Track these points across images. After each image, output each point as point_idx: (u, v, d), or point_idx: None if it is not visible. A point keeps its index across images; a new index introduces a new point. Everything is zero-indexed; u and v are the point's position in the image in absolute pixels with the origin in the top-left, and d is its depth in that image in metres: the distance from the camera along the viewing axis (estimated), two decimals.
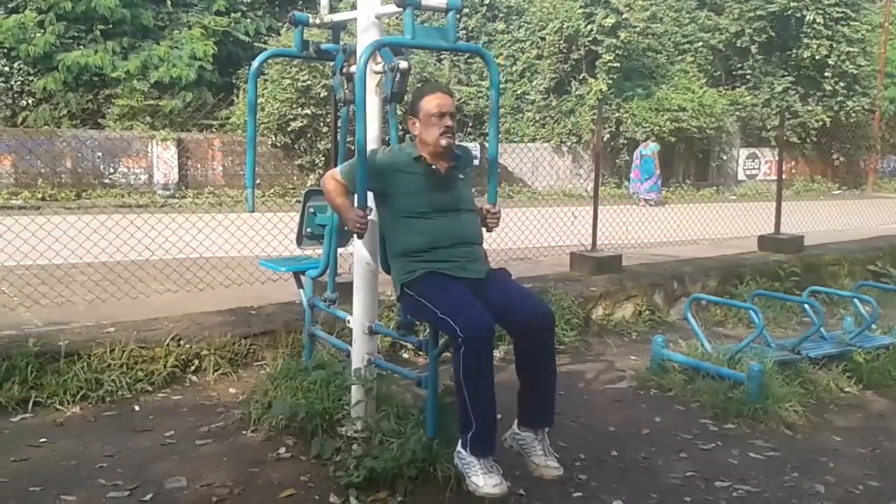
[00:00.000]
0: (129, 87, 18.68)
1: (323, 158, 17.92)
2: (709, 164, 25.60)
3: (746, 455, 4.19)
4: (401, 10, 3.36)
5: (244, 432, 4.09)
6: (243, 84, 19.91)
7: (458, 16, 3.48)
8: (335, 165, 4.13)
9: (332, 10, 4.16)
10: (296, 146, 18.49)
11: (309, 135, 18.21)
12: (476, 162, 9.11)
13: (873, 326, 5.97)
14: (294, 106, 17.69)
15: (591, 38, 21.95)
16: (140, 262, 7.28)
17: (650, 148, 20.20)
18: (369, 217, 3.39)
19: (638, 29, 22.42)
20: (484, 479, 3.15)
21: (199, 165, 18.16)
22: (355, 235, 3.53)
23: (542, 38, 22.91)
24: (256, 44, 19.57)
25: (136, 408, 4.43)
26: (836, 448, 4.36)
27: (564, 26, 22.14)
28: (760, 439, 4.41)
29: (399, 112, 4.17)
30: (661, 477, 3.88)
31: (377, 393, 3.82)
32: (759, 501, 3.67)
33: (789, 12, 24.95)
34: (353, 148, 3.36)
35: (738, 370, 4.99)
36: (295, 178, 18.68)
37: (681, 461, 4.09)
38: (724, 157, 25.88)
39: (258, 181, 18.34)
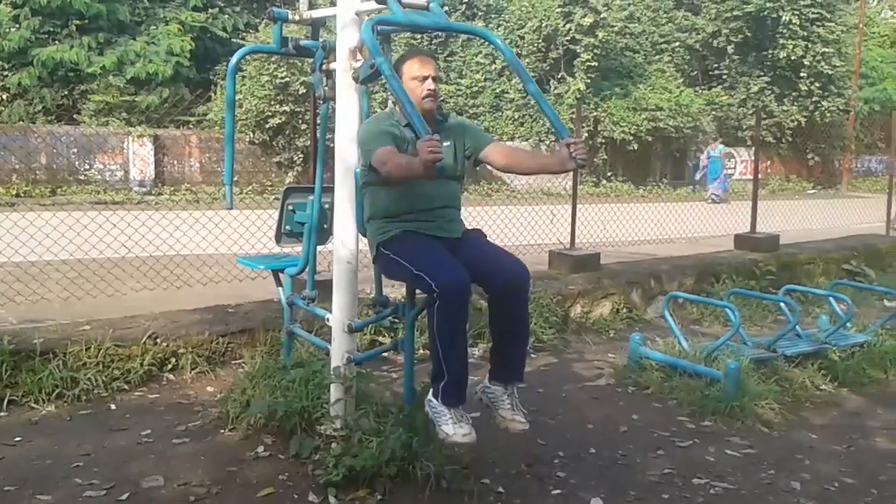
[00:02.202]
0: (105, 83, 18.51)
1: (301, 155, 17.86)
2: (685, 164, 25.82)
3: (723, 452, 4.21)
4: (382, 5, 3.36)
5: (222, 431, 4.05)
6: (221, 80, 19.78)
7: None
8: (315, 161, 4.13)
9: (312, 6, 4.13)
10: (274, 143, 18.42)
11: (287, 132, 18.15)
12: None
13: (848, 325, 6.04)
14: (272, 103, 17.63)
15: (569, 38, 22.06)
16: (116, 259, 7.20)
17: (718, 149, 20.93)
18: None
19: (616, 28, 22.55)
20: (454, 428, 3.26)
21: (175, 162, 18.05)
22: (344, 235, 3.52)
23: (521, 37, 22.99)
24: (234, 40, 19.45)
25: (113, 406, 4.38)
26: (811, 445, 4.39)
27: (543, 25, 22.23)
28: (737, 437, 4.44)
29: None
30: (638, 474, 3.90)
31: (356, 391, 3.81)
32: (736, 498, 3.69)
33: (765, 13, 25.24)
34: (331, 145, 3.34)
35: (715, 368, 5.02)
36: (273, 175, 18.60)
37: (658, 458, 4.10)
38: (701, 157, 26.08)
39: (236, 178, 18.24)
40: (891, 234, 10.81)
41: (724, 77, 26.92)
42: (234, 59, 3.98)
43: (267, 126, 17.90)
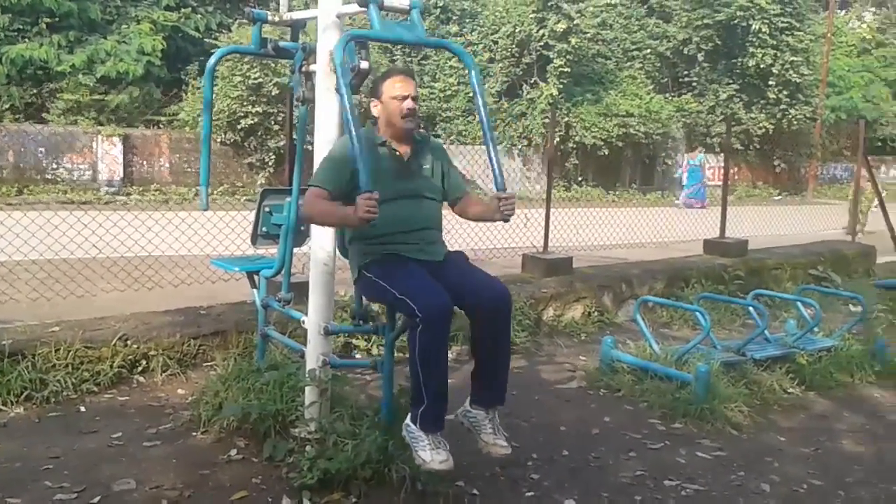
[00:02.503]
0: (75, 82, 18.27)
1: (273, 157, 17.75)
2: (654, 169, 26.07)
3: (694, 454, 4.27)
4: (363, 9, 3.36)
5: (194, 434, 4.02)
6: (192, 80, 19.63)
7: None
8: (291, 164, 4.10)
9: (291, 8, 4.13)
10: (246, 144, 18.28)
11: (259, 133, 18.03)
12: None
13: (815, 329, 6.14)
14: (245, 103, 17.49)
15: (542, 43, 22.19)
16: (86, 259, 7.10)
17: (698, 158, 21.25)
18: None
19: (588, 35, 22.72)
20: (431, 455, 3.23)
21: (145, 162, 17.83)
22: (321, 238, 3.52)
23: (495, 42, 23.08)
24: (207, 40, 19.30)
25: (82, 409, 4.32)
26: (780, 448, 4.46)
27: (517, 30, 22.34)
28: (707, 439, 4.50)
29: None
30: (611, 476, 3.94)
31: (331, 394, 3.80)
32: (707, 500, 3.74)
33: (736, 21, 25.55)
34: (310, 148, 3.33)
35: (686, 371, 5.09)
36: (244, 176, 18.46)
37: (630, 460, 4.15)
38: (670, 163, 26.38)
39: None
40: (855, 241, 10.99)
41: (694, 84, 27.21)
42: (212, 60, 3.96)
43: (239, 127, 17.76)
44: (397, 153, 3.53)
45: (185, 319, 5.18)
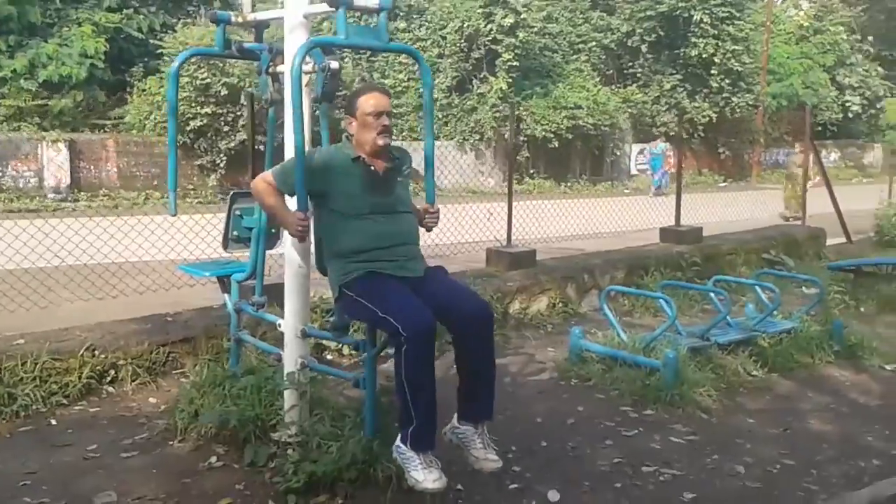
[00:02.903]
0: (16, 87, 17.80)
1: (225, 158, 17.51)
2: (603, 160, 26.41)
3: (668, 440, 4.35)
4: (332, 9, 3.34)
5: (171, 443, 3.97)
6: (137, 82, 19.26)
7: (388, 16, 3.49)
8: (255, 166, 4.07)
9: (254, 8, 4.08)
10: (195, 146, 17.99)
11: (209, 134, 17.76)
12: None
13: (775, 312, 6.28)
14: (193, 104, 17.21)
15: (490, 38, 22.29)
16: (46, 269, 6.89)
17: (659, 147, 21.61)
18: (309, 217, 3.34)
19: (535, 29, 22.88)
20: (424, 475, 3.19)
21: (92, 167, 17.41)
22: (295, 240, 3.49)
23: (443, 37, 23.11)
24: (152, 41, 18.94)
25: (53, 422, 4.24)
26: (750, 430, 4.56)
27: (465, 25, 22.39)
28: (679, 424, 4.58)
29: (329, 112, 4.14)
30: (589, 465, 3.99)
31: (310, 396, 3.78)
32: (685, 484, 3.82)
33: (677, 12, 25.99)
34: (261, 148, 3.32)
35: (654, 358, 5.18)
36: (195, 178, 18.16)
37: (607, 448, 4.21)
38: (618, 153, 26.77)
39: (155, 182, 17.79)
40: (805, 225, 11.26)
41: (639, 75, 27.63)
42: (176, 63, 3.89)
43: (188, 128, 17.46)
44: (372, 168, 3.51)
45: (152, 327, 5.10)
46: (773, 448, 4.30)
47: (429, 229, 3.69)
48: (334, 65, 3.51)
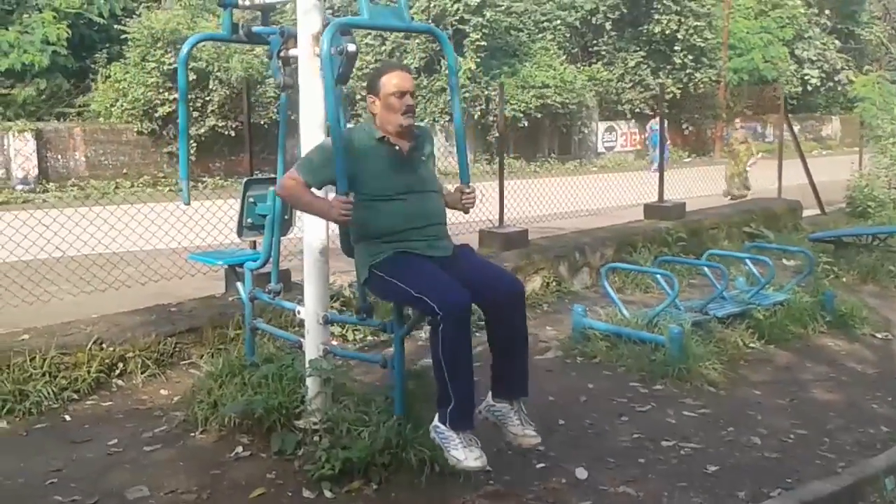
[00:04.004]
0: None
1: (195, 145, 17.21)
2: (571, 138, 26.51)
3: (681, 414, 4.42)
4: None
5: (192, 434, 3.93)
6: (101, 68, 18.84)
7: None
8: (250, 151, 4.02)
9: None
10: (164, 133, 17.66)
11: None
12: None
13: (767, 285, 6.39)
14: (161, 90, 16.89)
15: (457, 17, 22.17)
16: (33, 263, 6.72)
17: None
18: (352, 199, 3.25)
19: (502, 8, 22.81)
20: (465, 453, 3.20)
21: (59, 157, 17.00)
22: (314, 226, 3.46)
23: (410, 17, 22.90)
24: (115, 26, 18.51)
25: (67, 418, 4.17)
26: (758, 402, 4.65)
27: (431, 5, 22.27)
28: (689, 398, 4.66)
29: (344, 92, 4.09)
30: (611, 441, 4.04)
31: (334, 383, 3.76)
32: (706, 457, 3.88)
33: None
34: (239, 133, 3.25)
35: (658, 333, 5.24)
36: (165, 166, 17.85)
37: (624, 424, 4.27)
38: (586, 131, 26.88)
39: (125, 171, 17.46)
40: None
41: (603, 53, 27.71)
42: (185, 49, 3.81)
43: (156, 115, 17.14)
44: (397, 148, 3.48)
45: (157, 318, 5.03)
46: (783, 419, 4.39)
47: (466, 211, 3.61)
48: (352, 48, 3.46)
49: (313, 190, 3.44)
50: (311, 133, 3.69)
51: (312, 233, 3.74)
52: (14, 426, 4.03)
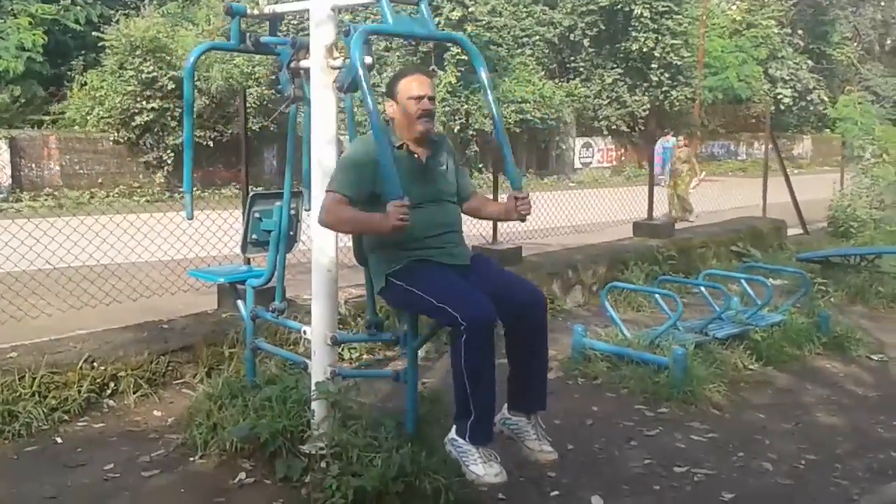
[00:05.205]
0: None
1: (172, 154, 16.93)
2: (549, 154, 26.57)
3: (689, 438, 4.34)
4: (359, 1, 3.21)
5: (191, 459, 3.77)
6: (77, 75, 18.52)
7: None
8: (246, 163, 3.89)
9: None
10: (141, 142, 17.35)
11: (156, 130, 17.15)
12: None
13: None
14: (138, 99, 16.60)
15: None
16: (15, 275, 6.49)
17: (671, 141, 21.70)
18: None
19: (483, 22, 22.85)
20: (484, 469, 3.13)
21: (34, 165, 16.58)
22: (322, 243, 3.33)
23: None
24: (93, 33, 18.19)
25: (58, 440, 3.98)
26: (763, 426, 4.58)
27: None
28: (695, 421, 4.58)
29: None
30: (622, 467, 3.95)
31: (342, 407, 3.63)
32: (720, 483, 3.80)
33: (618, 7, 26.30)
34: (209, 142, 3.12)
35: (659, 354, 5.17)
36: (141, 175, 17.52)
37: (633, 449, 4.18)
38: (563, 147, 26.97)
39: (100, 180, 17.12)
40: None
41: (581, 69, 27.88)
42: (191, 58, 3.69)
43: (133, 124, 16.82)
44: (415, 156, 3.39)
45: (149, 335, 4.84)
46: (791, 443, 4.33)
47: (523, 219, 3.41)
48: (368, 60, 3.35)
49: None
50: (322, 147, 3.57)
51: (321, 249, 3.62)
52: (4, 449, 3.84)
